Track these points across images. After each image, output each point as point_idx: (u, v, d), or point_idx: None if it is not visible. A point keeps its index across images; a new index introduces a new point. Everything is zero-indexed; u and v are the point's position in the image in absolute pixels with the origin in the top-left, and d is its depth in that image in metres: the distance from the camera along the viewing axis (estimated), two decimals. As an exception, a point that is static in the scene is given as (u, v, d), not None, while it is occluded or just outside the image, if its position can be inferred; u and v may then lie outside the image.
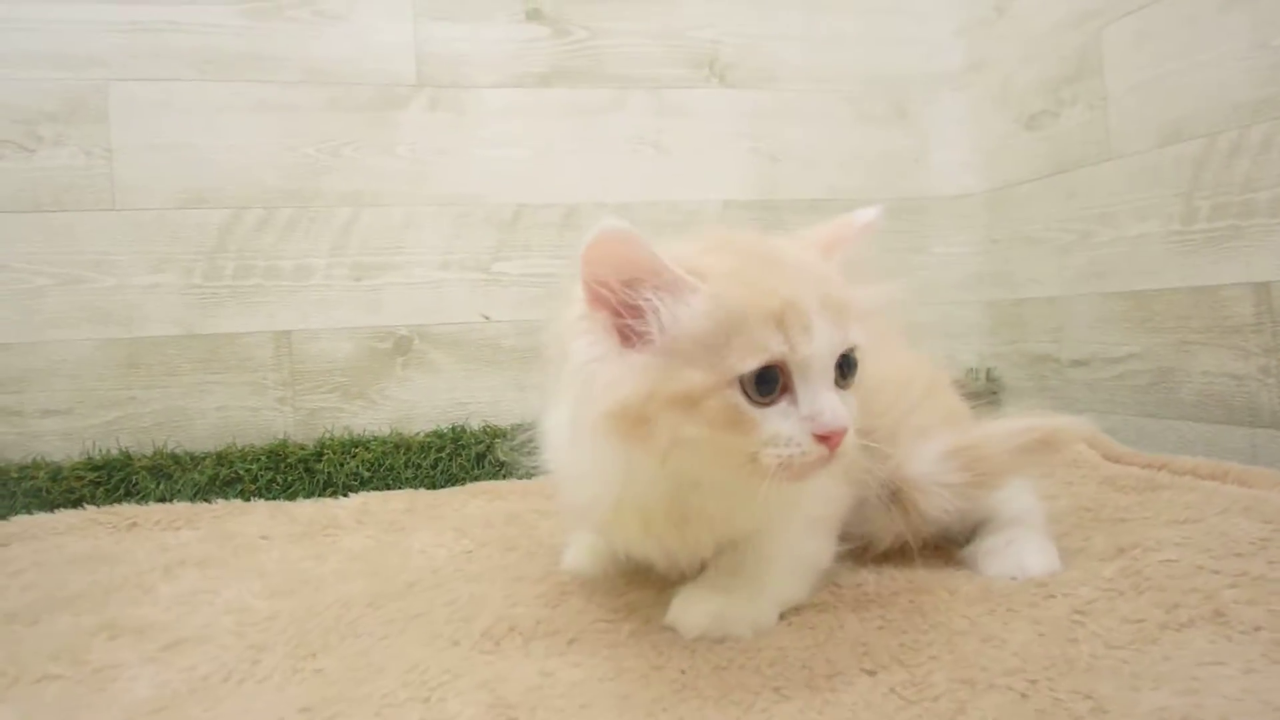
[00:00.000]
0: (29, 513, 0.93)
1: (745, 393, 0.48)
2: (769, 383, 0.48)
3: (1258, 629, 0.49)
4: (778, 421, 0.48)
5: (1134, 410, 1.05)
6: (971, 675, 0.46)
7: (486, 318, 1.20)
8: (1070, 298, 1.14)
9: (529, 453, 0.57)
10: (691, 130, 1.27)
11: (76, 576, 0.71)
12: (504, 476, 1.07)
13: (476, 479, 1.08)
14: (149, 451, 1.05)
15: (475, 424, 1.17)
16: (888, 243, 1.32)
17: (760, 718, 0.43)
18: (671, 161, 1.26)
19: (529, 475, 0.60)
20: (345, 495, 1.00)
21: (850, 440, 0.49)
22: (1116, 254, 1.06)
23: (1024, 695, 0.44)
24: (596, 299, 0.49)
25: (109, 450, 1.05)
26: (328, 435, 1.11)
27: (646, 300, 0.48)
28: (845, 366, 0.51)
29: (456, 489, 1.02)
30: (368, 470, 1.07)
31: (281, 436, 1.11)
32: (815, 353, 0.48)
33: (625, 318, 0.49)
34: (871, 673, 0.47)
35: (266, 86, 1.12)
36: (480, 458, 1.11)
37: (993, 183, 1.30)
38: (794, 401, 0.49)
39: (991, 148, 1.29)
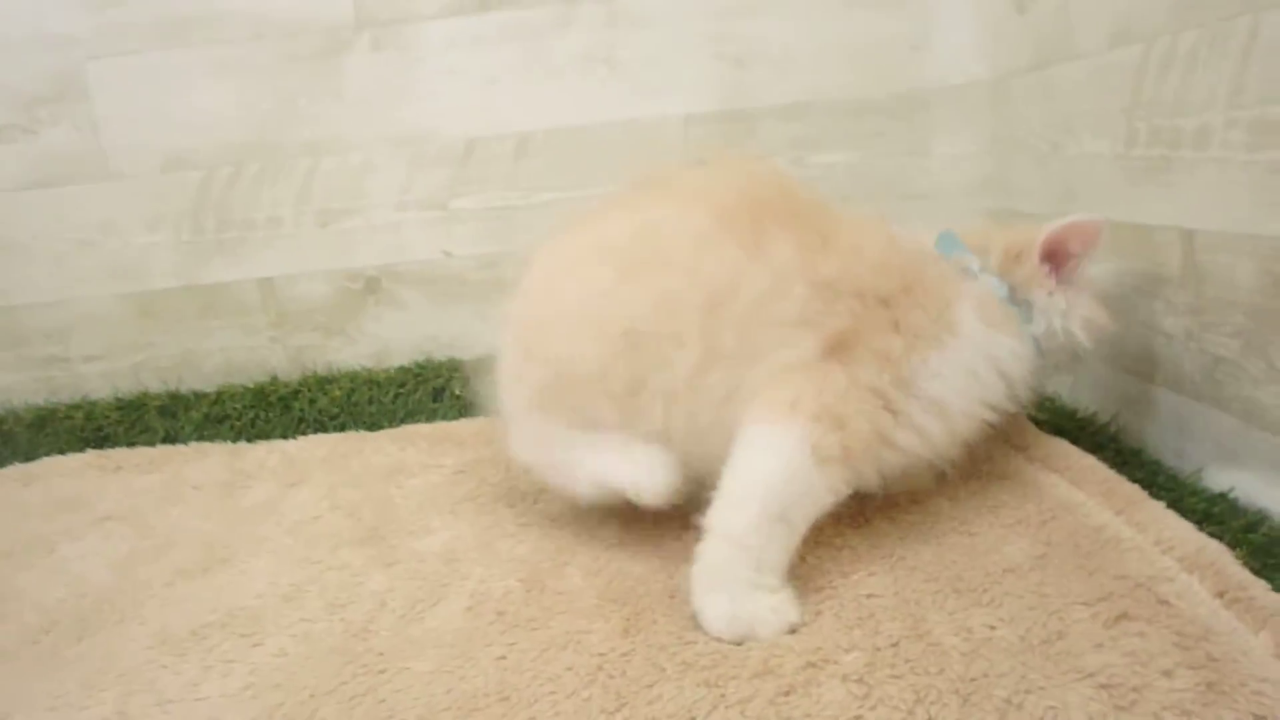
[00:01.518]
0: (61, 452, 1.15)
1: None
2: None
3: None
4: None
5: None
6: None
7: (448, 254, 1.26)
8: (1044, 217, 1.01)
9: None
10: (647, 41, 1.20)
11: (20, 526, 0.89)
12: (455, 417, 1.16)
13: (433, 415, 1.18)
14: (167, 390, 1.24)
15: (443, 356, 1.26)
16: (885, 146, 1.22)
17: None
18: (626, 77, 1.21)
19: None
20: (314, 432, 1.14)
21: None
22: (1076, 173, 0.92)
23: None
24: None
25: (134, 391, 1.25)
26: (311, 371, 1.25)
27: None
28: None
29: (394, 432, 1.11)
30: (337, 407, 1.19)
31: (275, 373, 1.26)
32: None
33: None
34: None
35: (222, 47, 1.20)
36: (439, 392, 1.21)
37: (996, 70, 1.14)
38: None
39: (994, 28, 1.12)
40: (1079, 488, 0.69)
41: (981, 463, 0.78)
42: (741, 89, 1.21)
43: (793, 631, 0.56)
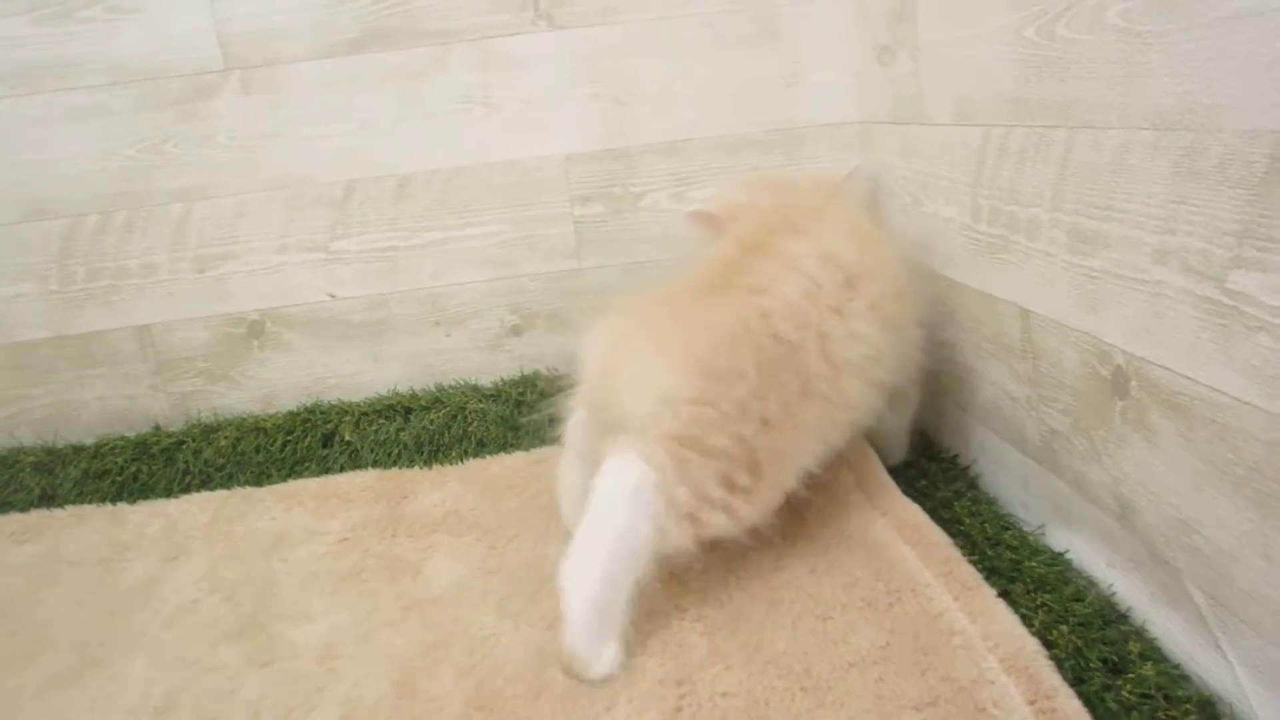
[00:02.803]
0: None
1: None
2: None
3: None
4: None
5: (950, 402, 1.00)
6: None
7: (332, 296, 1.25)
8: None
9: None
10: (522, 82, 1.21)
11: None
12: (345, 464, 1.16)
13: (323, 462, 1.18)
14: (43, 445, 1.21)
15: (333, 398, 1.26)
16: (766, 177, 1.25)
17: None
18: (504, 118, 1.21)
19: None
20: (200, 485, 1.13)
21: None
22: (932, 230, 0.97)
23: None
24: None
25: (7, 447, 1.21)
26: (196, 419, 1.24)
27: None
28: None
29: (281, 489, 1.11)
30: (223, 457, 1.19)
31: (157, 422, 1.24)
32: None
33: None
34: None
35: (76, 94, 1.16)
36: (328, 438, 1.21)
37: (863, 113, 1.18)
38: None
39: (860, 74, 1.16)
40: (926, 565, 0.74)
41: (842, 521, 0.84)
42: (621, 127, 1.23)
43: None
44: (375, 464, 1.15)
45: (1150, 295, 0.62)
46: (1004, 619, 0.66)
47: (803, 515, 0.85)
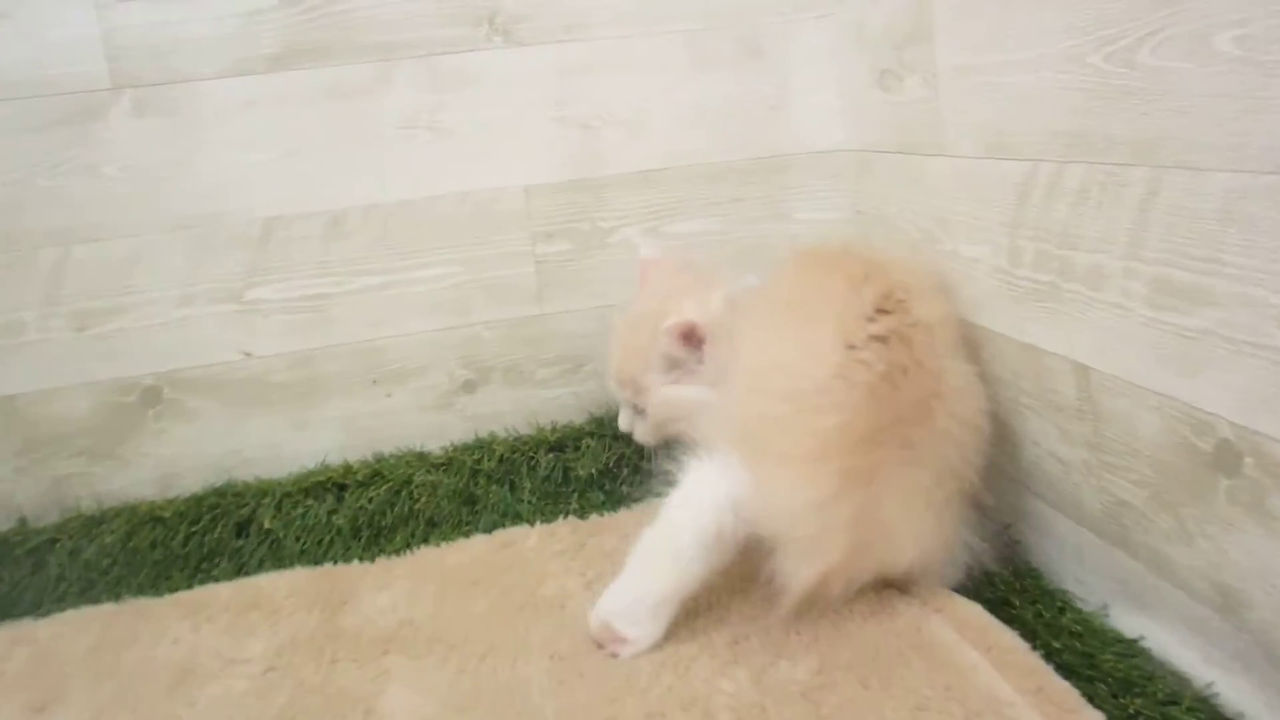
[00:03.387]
0: None
1: None
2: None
3: None
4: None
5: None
6: None
7: (247, 355, 1.09)
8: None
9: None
10: (476, 104, 1.09)
11: None
12: (266, 559, 0.99)
13: (238, 557, 1.00)
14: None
15: (249, 475, 1.09)
16: (745, 212, 1.16)
17: None
18: (456, 144, 1.09)
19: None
20: (80, 594, 0.95)
21: (640, 437, 0.96)
22: (954, 270, 0.89)
23: None
24: None
25: None
26: (74, 509, 1.05)
27: None
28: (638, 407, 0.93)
29: (185, 597, 0.93)
30: (108, 558, 1.00)
31: (23, 514, 1.05)
32: (611, 389, 0.96)
33: None
34: None
35: (-77, 115, 0.98)
36: (243, 526, 1.04)
37: (858, 142, 1.10)
38: None
39: (855, 99, 1.08)
40: (1004, 677, 0.65)
41: (887, 617, 0.74)
42: (589, 155, 1.12)
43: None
44: (303, 556, 0.99)
45: (1272, 363, 0.55)
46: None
47: (838, 609, 0.75)
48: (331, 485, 1.06)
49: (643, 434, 0.96)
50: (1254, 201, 0.54)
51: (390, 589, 0.90)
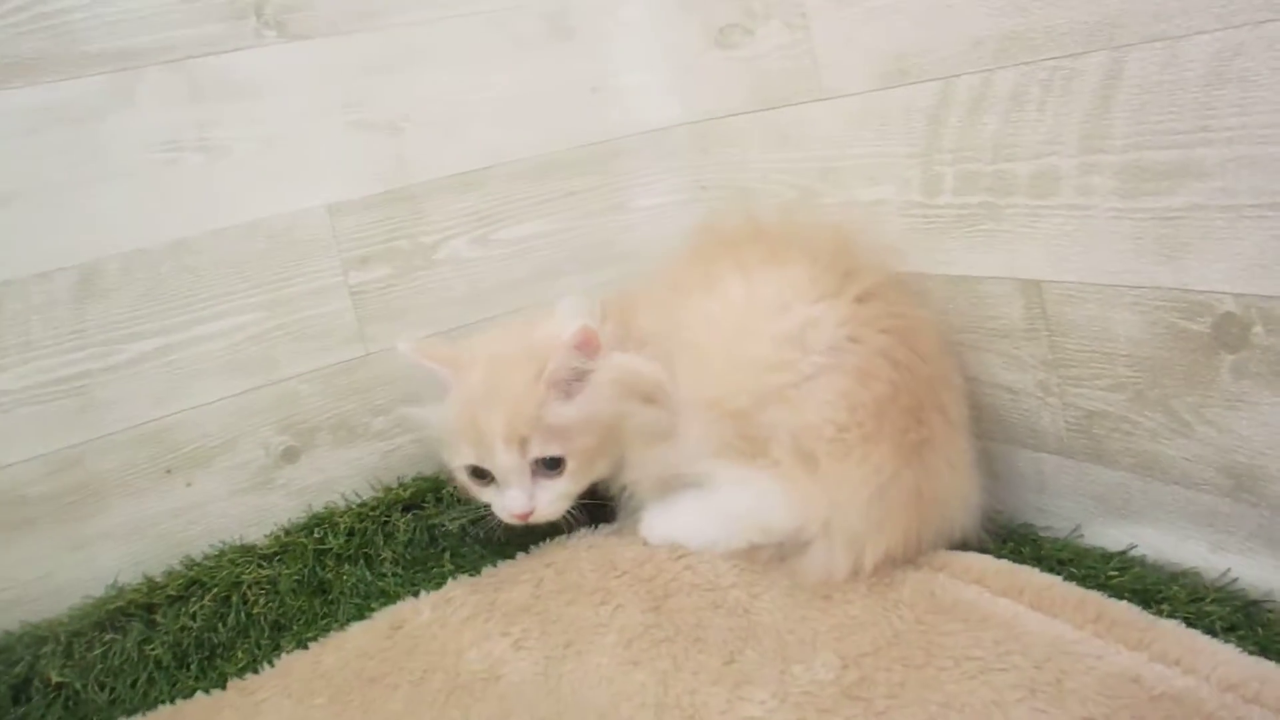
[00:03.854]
0: None
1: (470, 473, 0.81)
2: (481, 475, 0.81)
3: None
4: (490, 495, 0.81)
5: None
6: None
7: (-13, 466, 0.82)
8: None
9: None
10: (254, 114, 0.90)
11: None
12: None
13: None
14: None
15: (15, 621, 0.82)
16: (579, 207, 1.06)
17: None
18: (234, 165, 0.90)
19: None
20: None
21: (546, 510, 0.79)
22: (849, 220, 0.86)
23: None
24: None
25: None
26: None
27: None
28: (549, 463, 0.78)
29: None
30: None
31: None
32: (499, 467, 0.78)
33: None
34: None
35: None
36: (20, 688, 0.78)
37: (696, 112, 1.04)
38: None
39: (688, 65, 1.03)
40: (1055, 616, 0.60)
41: (888, 592, 0.67)
42: (399, 161, 0.97)
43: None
44: (117, 707, 0.76)
45: None
46: (1224, 653, 0.54)
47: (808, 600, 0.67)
48: (135, 609, 0.83)
49: (562, 495, 0.80)
50: (1251, 56, 0.53)
51: (265, 714, 0.70)
